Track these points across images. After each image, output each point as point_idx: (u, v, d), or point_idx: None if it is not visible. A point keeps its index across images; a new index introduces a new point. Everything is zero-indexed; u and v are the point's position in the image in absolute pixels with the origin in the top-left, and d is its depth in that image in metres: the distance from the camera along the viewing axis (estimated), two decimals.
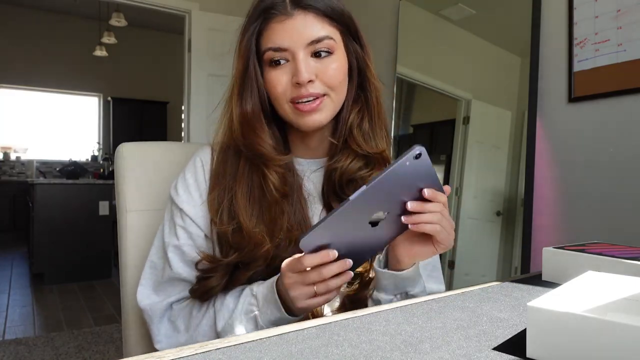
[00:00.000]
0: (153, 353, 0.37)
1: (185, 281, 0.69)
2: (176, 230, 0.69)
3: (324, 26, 0.65)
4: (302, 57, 0.63)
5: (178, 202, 0.70)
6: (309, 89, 0.64)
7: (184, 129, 3.49)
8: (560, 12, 1.76)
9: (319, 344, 0.39)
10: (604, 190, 1.61)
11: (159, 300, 0.70)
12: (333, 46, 0.65)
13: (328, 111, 0.67)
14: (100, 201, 3.99)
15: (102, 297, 3.44)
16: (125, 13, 5.83)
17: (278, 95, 0.65)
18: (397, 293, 0.64)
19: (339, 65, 0.66)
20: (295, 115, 0.66)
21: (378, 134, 0.71)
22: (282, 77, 0.65)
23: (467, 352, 0.37)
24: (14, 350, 2.32)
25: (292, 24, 0.63)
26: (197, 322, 0.66)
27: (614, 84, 1.58)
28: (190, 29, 3.28)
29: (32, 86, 7.07)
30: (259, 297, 0.61)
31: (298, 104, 0.65)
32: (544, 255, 0.66)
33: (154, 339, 0.69)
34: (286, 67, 0.65)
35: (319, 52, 0.64)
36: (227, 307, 0.63)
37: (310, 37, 0.64)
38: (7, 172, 6.92)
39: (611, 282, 0.44)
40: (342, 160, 0.69)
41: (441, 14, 2.30)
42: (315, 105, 0.64)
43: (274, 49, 0.64)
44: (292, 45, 0.63)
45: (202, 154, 0.73)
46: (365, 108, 0.71)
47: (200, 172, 0.71)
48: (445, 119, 2.27)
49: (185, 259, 0.69)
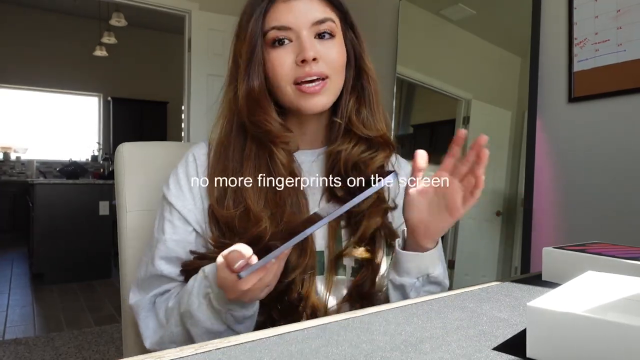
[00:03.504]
0: (153, 353, 0.37)
1: (166, 277, 0.68)
2: (164, 225, 0.69)
3: (325, 9, 0.67)
4: (306, 35, 0.64)
5: (168, 196, 0.70)
6: (313, 68, 0.64)
7: (184, 129, 3.49)
8: (560, 12, 1.76)
9: (319, 344, 0.39)
10: (604, 190, 1.61)
11: (142, 296, 0.69)
12: (334, 29, 0.67)
13: (330, 95, 0.67)
14: (100, 201, 3.99)
15: (102, 297, 3.44)
16: (125, 13, 5.84)
17: (281, 76, 0.65)
18: (420, 276, 0.63)
19: (340, 49, 0.68)
20: (297, 97, 0.65)
21: (377, 118, 0.71)
22: (285, 57, 0.65)
23: (467, 352, 0.37)
24: (14, 350, 2.32)
25: (297, 5, 0.65)
26: (170, 313, 0.64)
27: (614, 84, 1.58)
28: (190, 29, 3.28)
29: (32, 86, 7.07)
30: (210, 278, 0.58)
31: (301, 85, 0.65)
32: (544, 255, 0.66)
33: (142, 335, 0.67)
34: (289, 47, 0.65)
35: (322, 33, 0.66)
36: (186, 292, 0.60)
37: (315, 17, 0.65)
38: (7, 172, 6.92)
39: (611, 282, 0.44)
40: (345, 144, 0.69)
41: (441, 14, 2.30)
42: (319, 87, 0.65)
43: (279, 27, 0.65)
44: (297, 25, 0.64)
45: (195, 149, 0.73)
46: (362, 96, 0.71)
47: (192, 167, 0.70)
48: (445, 119, 2.27)
49: (169, 255, 0.67)
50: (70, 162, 5.80)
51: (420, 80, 2.46)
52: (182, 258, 0.67)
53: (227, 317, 0.58)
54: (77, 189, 3.92)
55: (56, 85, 7.20)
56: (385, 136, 0.71)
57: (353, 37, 0.71)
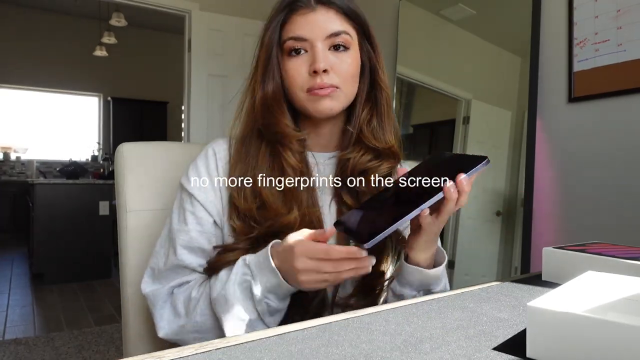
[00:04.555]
0: (153, 353, 0.37)
1: (187, 268, 0.70)
2: (185, 216, 0.70)
3: (342, 22, 0.70)
4: (321, 48, 0.68)
5: (188, 188, 0.72)
6: (324, 79, 0.67)
7: (184, 129, 3.49)
8: (560, 12, 1.76)
9: (319, 344, 0.39)
10: (604, 190, 1.61)
11: (160, 287, 0.71)
12: (349, 42, 0.70)
13: (339, 102, 0.70)
14: (100, 201, 3.99)
15: (102, 297, 3.44)
16: (125, 13, 5.83)
17: (296, 84, 0.69)
18: (421, 289, 0.66)
19: (352, 61, 0.71)
20: (309, 101, 0.69)
21: (387, 130, 0.74)
22: (300, 67, 0.69)
23: (467, 352, 0.37)
24: (13, 351, 2.32)
25: (314, 17, 0.68)
26: (195, 303, 0.66)
27: (614, 84, 1.58)
28: (190, 29, 3.28)
29: (32, 86, 7.07)
30: (252, 267, 0.61)
31: (313, 90, 0.68)
32: (544, 255, 0.66)
33: (157, 325, 0.69)
34: (305, 57, 0.69)
35: (337, 45, 0.69)
36: (220, 280, 0.64)
37: (330, 30, 0.68)
38: (7, 172, 6.92)
39: (611, 282, 0.44)
40: (355, 152, 0.72)
41: (441, 14, 2.30)
42: (329, 91, 0.68)
43: (295, 38, 0.68)
44: (312, 36, 0.68)
45: (214, 144, 0.75)
46: (375, 107, 0.75)
47: (212, 161, 0.73)
48: (445, 119, 2.27)
49: (192, 245, 0.69)
50: (70, 162, 5.80)
51: (420, 80, 2.46)
52: (204, 249, 0.70)
53: (263, 305, 0.60)
54: (77, 189, 3.92)
55: (56, 85, 7.20)
56: (392, 148, 0.74)
57: (370, 49, 0.74)
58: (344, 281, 0.68)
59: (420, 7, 2.42)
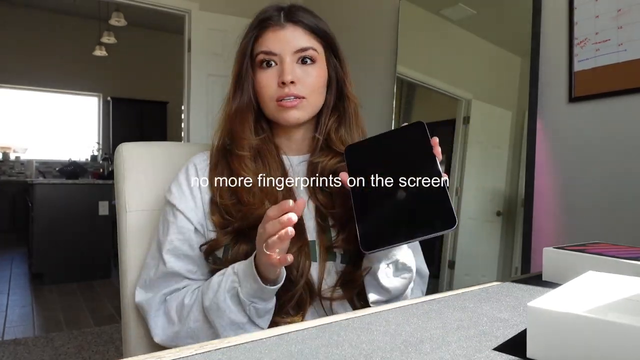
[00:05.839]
0: (153, 353, 0.37)
1: (178, 275, 0.74)
2: (169, 227, 0.75)
3: (309, 39, 0.76)
4: (289, 61, 0.74)
5: (170, 199, 0.77)
6: (291, 89, 0.74)
7: (184, 129, 3.48)
8: (560, 12, 1.76)
9: (319, 344, 0.39)
10: (604, 190, 1.61)
11: (152, 295, 0.75)
12: (316, 57, 0.77)
13: (306, 112, 0.76)
14: (100, 201, 3.99)
15: (102, 297, 3.44)
16: (125, 13, 5.83)
17: (266, 94, 0.76)
18: (388, 262, 0.68)
19: (318, 74, 0.77)
20: (277, 112, 0.75)
21: (355, 137, 0.80)
22: (270, 80, 0.75)
23: (467, 352, 0.37)
24: (13, 351, 2.31)
25: (283, 34, 0.75)
26: (188, 310, 0.70)
27: (615, 83, 1.58)
28: (190, 29, 3.28)
29: (32, 86, 7.07)
30: (239, 274, 0.66)
31: (281, 102, 0.74)
32: (544, 255, 0.66)
33: (152, 332, 0.73)
34: (275, 70, 0.75)
35: (304, 58, 0.76)
36: (212, 288, 0.68)
37: (297, 45, 0.75)
38: (6, 172, 6.92)
39: (611, 282, 0.44)
40: (323, 157, 0.78)
41: (441, 14, 2.30)
42: (296, 103, 0.74)
43: (266, 52, 0.75)
44: (282, 51, 0.75)
45: (194, 159, 0.81)
46: (343, 116, 0.81)
47: (193, 172, 0.78)
48: (445, 119, 2.27)
49: (178, 253, 0.74)
50: (70, 162, 5.79)
51: (420, 80, 2.46)
52: (188, 254, 0.75)
53: (250, 309, 0.65)
54: (76, 189, 3.92)
55: (56, 85, 7.20)
56: None
57: (337, 63, 0.81)
58: (326, 269, 0.72)
59: (420, 7, 2.42)
